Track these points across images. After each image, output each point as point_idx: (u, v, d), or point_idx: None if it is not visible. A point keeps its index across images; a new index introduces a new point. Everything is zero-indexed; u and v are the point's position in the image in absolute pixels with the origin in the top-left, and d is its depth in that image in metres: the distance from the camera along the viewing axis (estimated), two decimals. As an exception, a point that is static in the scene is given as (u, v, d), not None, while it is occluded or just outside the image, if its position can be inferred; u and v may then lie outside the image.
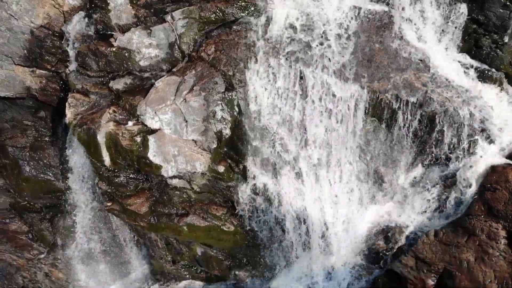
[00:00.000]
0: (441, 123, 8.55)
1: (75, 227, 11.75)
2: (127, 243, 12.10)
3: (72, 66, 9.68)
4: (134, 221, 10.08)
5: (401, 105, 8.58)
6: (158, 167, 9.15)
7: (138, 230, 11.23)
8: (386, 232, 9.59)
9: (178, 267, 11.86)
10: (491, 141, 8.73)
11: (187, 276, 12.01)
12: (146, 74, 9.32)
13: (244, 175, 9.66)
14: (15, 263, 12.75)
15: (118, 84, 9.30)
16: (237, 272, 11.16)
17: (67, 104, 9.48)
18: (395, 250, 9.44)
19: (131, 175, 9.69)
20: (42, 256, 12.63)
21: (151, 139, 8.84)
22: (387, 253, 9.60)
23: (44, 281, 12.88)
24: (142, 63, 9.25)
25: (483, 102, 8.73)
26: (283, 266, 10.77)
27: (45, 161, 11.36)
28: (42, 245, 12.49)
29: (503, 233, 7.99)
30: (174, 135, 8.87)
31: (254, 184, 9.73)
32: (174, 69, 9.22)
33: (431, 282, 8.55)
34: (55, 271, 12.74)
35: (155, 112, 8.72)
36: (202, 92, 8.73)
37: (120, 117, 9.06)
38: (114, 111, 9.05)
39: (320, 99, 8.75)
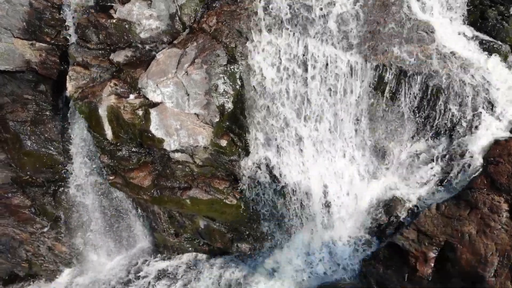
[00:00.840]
0: (444, 96, 8.47)
1: (77, 201, 11.79)
2: (130, 217, 12.17)
3: (72, 38, 9.54)
4: (137, 195, 10.10)
5: (405, 77, 8.48)
6: (161, 141, 9.11)
7: (141, 203, 11.28)
8: (388, 206, 9.62)
9: (181, 240, 11.95)
10: (495, 115, 8.66)
11: (190, 248, 12.12)
12: (147, 47, 9.20)
13: (246, 149, 9.64)
14: (18, 237, 12.83)
15: (119, 57, 9.19)
16: (239, 245, 11.25)
17: (67, 77, 9.38)
18: (396, 224, 9.48)
19: (134, 149, 9.67)
20: (45, 230, 12.70)
21: (153, 112, 8.78)
22: (389, 227, 9.64)
23: (47, 254, 12.98)
24: (142, 35, 9.12)
25: (488, 75, 8.62)
26: (284, 239, 10.85)
27: (46, 135, 11.33)
28: (45, 219, 12.55)
29: (505, 206, 7.99)
30: (176, 109, 8.81)
31: (257, 158, 9.71)
32: (175, 41, 9.10)
33: (432, 254, 8.60)
34: (58, 244, 12.83)
35: (157, 85, 8.64)
36: (203, 65, 8.63)
37: (122, 90, 8.98)
38: (115, 84, 8.97)
39: (323, 72, 8.64)
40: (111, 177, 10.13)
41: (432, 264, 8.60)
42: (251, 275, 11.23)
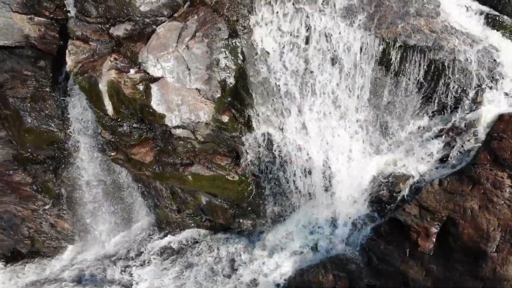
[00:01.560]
0: (449, 70, 8.36)
1: (79, 178, 11.78)
2: (132, 193, 12.19)
3: (71, 12, 9.39)
4: (139, 171, 10.08)
5: (409, 52, 8.37)
6: (162, 116, 9.05)
7: (143, 179, 11.27)
8: (390, 182, 9.59)
9: (183, 216, 11.99)
10: (500, 90, 8.56)
11: (192, 224, 12.17)
12: (147, 20, 9.04)
13: (248, 125, 9.58)
14: (20, 214, 12.87)
15: (119, 31, 9.05)
16: (241, 220, 11.28)
17: (67, 51, 9.27)
18: (398, 199, 9.47)
19: (135, 125, 9.61)
20: (47, 207, 12.73)
21: (154, 87, 8.70)
22: (390, 202, 9.63)
23: (50, 231, 13.03)
24: (142, 8, 8.97)
25: (493, 50, 8.50)
26: (286, 215, 10.87)
27: (46, 111, 11.25)
28: (46, 196, 12.56)
29: (508, 181, 7.97)
30: (177, 84, 8.72)
31: (259, 134, 9.66)
32: (176, 14, 8.94)
33: (434, 230, 8.62)
34: (61, 221, 12.88)
35: (157, 60, 8.53)
36: (205, 38, 8.50)
37: (122, 64, 8.87)
38: (115, 59, 8.86)
39: (326, 46, 8.52)
40: (112, 153, 10.10)
41: (434, 240, 8.63)
42: (253, 250, 11.30)
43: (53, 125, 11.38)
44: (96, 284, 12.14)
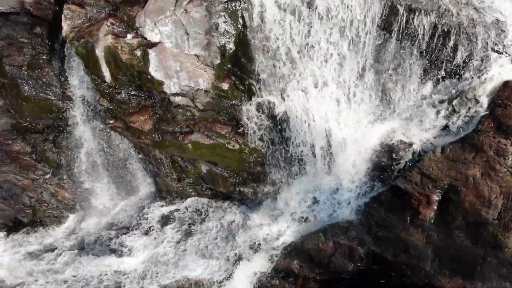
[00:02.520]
0: (454, 35, 8.16)
1: (78, 147, 11.73)
2: (132, 162, 12.14)
3: (66, -25, 9.17)
4: (138, 139, 10.01)
5: (414, 16, 8.15)
6: (160, 83, 8.91)
7: (142, 148, 11.20)
8: (392, 150, 9.50)
9: (184, 184, 11.98)
10: (506, 56, 8.38)
11: (193, 193, 12.17)
12: (144, -18, 8.82)
13: (248, 93, 9.44)
14: (20, 183, 12.88)
15: (115, -6, 8.85)
16: (242, 189, 11.26)
17: (63, 16, 9.08)
18: (400, 167, 9.40)
19: (133, 92, 9.48)
20: (47, 176, 12.73)
21: (152, 53, 8.53)
22: (392, 170, 9.57)
23: (50, 200, 13.07)
24: (139, -30, 8.73)
25: (500, 15, 8.28)
26: (287, 183, 10.84)
27: (44, 79, 11.11)
28: (46, 165, 12.55)
29: (511, 149, 7.87)
30: (175, 49, 8.54)
31: (259, 102, 9.53)
32: (174, -23, 8.70)
33: (435, 197, 8.58)
34: (61, 191, 12.90)
35: (155, 24, 8.33)
36: (203, 1, 8.28)
37: (119, 29, 8.68)
38: (112, 24, 8.66)
39: (328, 10, 8.29)
40: (111, 121, 10.01)
41: (435, 207, 8.59)
42: (254, 218, 11.32)
43: (51, 93, 11.26)
44: (97, 253, 12.24)
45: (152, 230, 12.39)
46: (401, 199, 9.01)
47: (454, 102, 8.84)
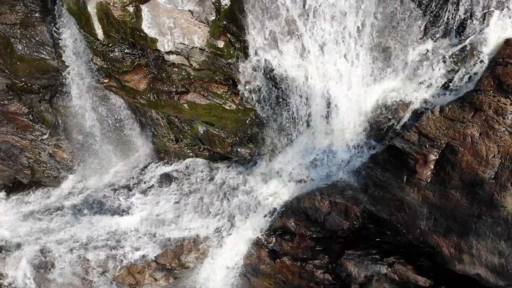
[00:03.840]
0: (457, -9, 7.90)
1: (75, 107, 11.65)
2: (129, 122, 12.09)
3: None
4: (133, 99, 9.92)
5: (415, -30, 7.88)
6: (154, 41, 8.72)
7: (138, 108, 11.12)
8: (390, 109, 9.39)
9: (181, 145, 11.96)
10: (507, 13, 8.13)
11: (191, 154, 12.18)
12: None
13: (245, 51, 9.24)
14: (18, 144, 12.89)
15: None
16: (239, 150, 11.24)
17: (53, -28, 8.80)
18: (398, 127, 9.32)
19: (126, 50, 9.31)
20: (45, 137, 12.72)
21: (144, 9, 8.29)
22: (390, 130, 9.50)
23: (49, 161, 13.11)
24: None
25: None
26: (285, 144, 10.80)
27: (37, 38, 10.92)
28: (43, 126, 12.53)
29: (511, 108, 7.77)
30: (169, 5, 8.29)
31: (256, 61, 9.35)
32: None
33: (432, 157, 8.54)
34: (59, 151, 12.91)
35: (147, -21, 8.08)
36: (197, -46, 8.00)
37: (110, -15, 8.44)
38: (103, -21, 8.41)
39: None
40: (105, 80, 9.89)
41: (432, 167, 8.57)
42: (252, 178, 11.36)
43: (44, 52, 11.09)
44: (97, 212, 12.36)
45: (151, 189, 12.47)
46: (398, 159, 8.99)
47: (455, 60, 8.67)
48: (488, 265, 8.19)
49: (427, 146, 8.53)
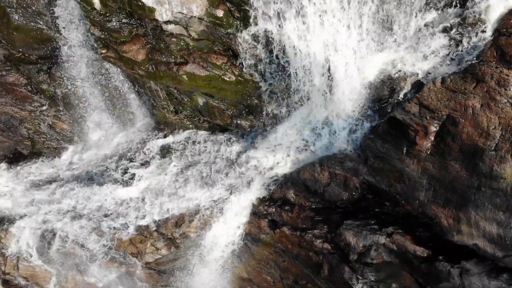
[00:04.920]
0: (461, -43, 7.71)
1: (73, 78, 11.56)
2: (128, 94, 12.02)
3: None
4: (131, 70, 9.82)
5: None
6: (151, 10, 8.57)
7: (137, 79, 11.03)
8: (392, 80, 9.29)
9: (181, 117, 11.94)
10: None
11: (190, 125, 12.16)
12: None
13: (244, 21, 9.09)
14: (17, 115, 12.89)
15: None
16: (239, 122, 11.20)
17: None
18: (399, 98, 9.24)
19: (124, 20, 9.15)
20: (44, 108, 12.71)
21: (142, -23, 8.14)
22: (391, 102, 9.43)
23: (49, 132, 13.12)
24: None
25: None
26: (285, 115, 10.75)
27: (33, 7, 10.75)
28: (42, 97, 12.51)
29: (513, 79, 7.69)
30: (167, -27, 8.13)
31: (256, 31, 9.20)
32: None
33: (433, 128, 8.50)
34: (59, 122, 12.91)
35: None
36: None
37: (106, -48, 8.23)
38: None
39: None
40: (103, 51, 9.78)
41: (432, 138, 8.54)
42: (251, 150, 11.36)
43: (41, 22, 10.94)
44: (98, 183, 12.43)
45: (152, 161, 12.51)
46: (398, 130, 8.94)
47: (458, 30, 8.53)
48: (486, 236, 8.25)
49: (428, 117, 8.47)
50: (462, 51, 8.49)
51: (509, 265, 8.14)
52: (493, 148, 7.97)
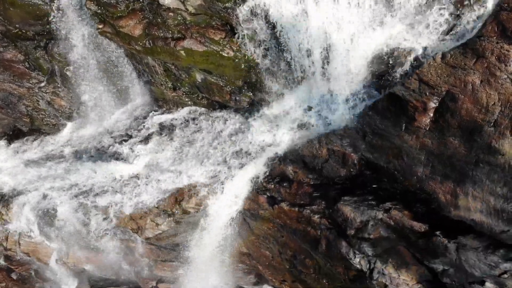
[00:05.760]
0: None
1: (70, 53, 11.48)
2: (126, 70, 11.93)
3: None
4: (128, 45, 9.72)
5: None
6: (148, -16, 8.43)
7: (134, 55, 10.93)
8: (392, 56, 9.21)
9: (179, 93, 11.87)
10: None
11: (189, 102, 12.10)
12: None
13: (243, -5, 8.96)
14: (16, 92, 12.86)
15: None
16: (238, 98, 11.16)
17: None
18: (398, 75, 9.18)
19: (120, -6, 9.04)
20: (42, 84, 12.67)
21: (137, -50, 7.97)
22: (390, 78, 9.36)
23: (47, 109, 13.10)
24: None
25: None
26: (284, 92, 10.68)
27: (28, -19, 10.62)
28: (40, 73, 12.47)
29: (514, 55, 7.60)
30: None
31: (254, 5, 9.06)
32: None
33: (432, 104, 8.45)
34: (57, 99, 12.88)
35: None
36: None
37: None
38: None
39: None
40: (100, 26, 9.67)
41: (431, 114, 8.50)
42: (250, 126, 11.33)
43: (37, -4, 10.81)
44: (97, 159, 12.46)
45: (151, 137, 12.50)
46: (397, 106, 8.90)
47: (458, 5, 8.41)
48: (484, 212, 8.29)
49: (427, 93, 8.42)
50: (462, 26, 8.38)
51: (506, 241, 8.19)
52: (492, 124, 7.94)
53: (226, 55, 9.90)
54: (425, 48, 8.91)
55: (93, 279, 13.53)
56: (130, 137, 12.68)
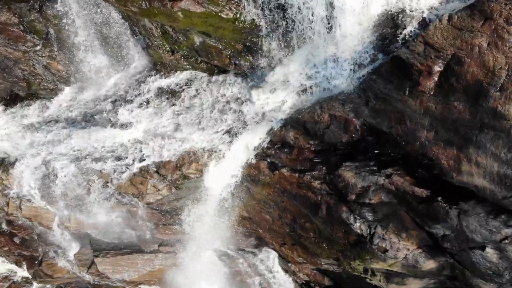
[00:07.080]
0: None
1: (65, 16, 11.17)
2: (123, 33, 11.63)
3: None
4: (124, 6, 9.42)
5: None
6: None
7: (131, 17, 10.63)
8: (396, 18, 8.91)
9: (177, 57, 11.61)
10: None
11: (188, 66, 11.86)
12: None
13: (242, -49, 8.59)
14: (11, 56, 12.64)
15: None
16: (237, 62, 10.91)
17: None
18: (404, 37, 8.89)
19: (114, -48, 8.67)
20: (38, 48, 12.43)
21: None
22: (395, 41, 9.08)
23: (44, 73, 12.90)
24: None
25: None
26: (285, 55, 10.42)
27: None
28: (35, 37, 12.22)
29: (523, 17, 7.35)
30: None
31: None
32: None
33: (437, 68, 8.25)
34: (54, 63, 12.66)
35: None
36: None
37: None
38: None
39: None
40: (95, -13, 9.33)
41: (436, 78, 8.32)
42: (250, 91, 11.13)
43: (29, -46, 10.44)
44: (95, 125, 12.35)
45: (150, 102, 12.34)
46: (401, 70, 8.70)
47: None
48: (487, 177, 8.23)
49: (433, 56, 8.21)
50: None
51: (508, 207, 8.16)
52: (498, 88, 7.78)
53: (225, 16, 9.59)
54: (431, 10, 8.60)
55: (95, 242, 13.65)
56: (129, 101, 12.51)
